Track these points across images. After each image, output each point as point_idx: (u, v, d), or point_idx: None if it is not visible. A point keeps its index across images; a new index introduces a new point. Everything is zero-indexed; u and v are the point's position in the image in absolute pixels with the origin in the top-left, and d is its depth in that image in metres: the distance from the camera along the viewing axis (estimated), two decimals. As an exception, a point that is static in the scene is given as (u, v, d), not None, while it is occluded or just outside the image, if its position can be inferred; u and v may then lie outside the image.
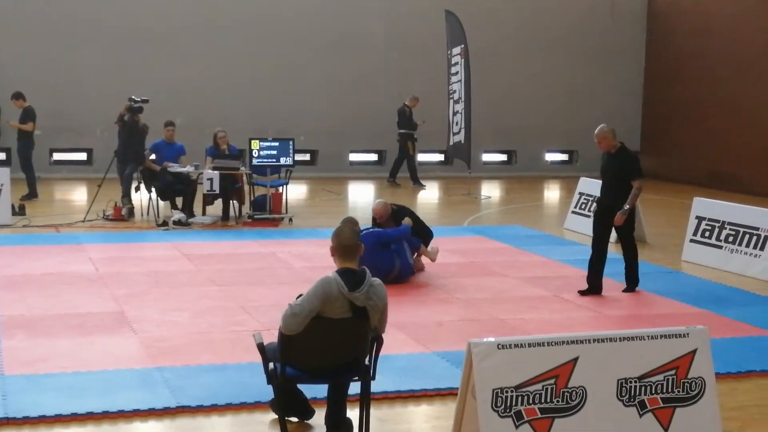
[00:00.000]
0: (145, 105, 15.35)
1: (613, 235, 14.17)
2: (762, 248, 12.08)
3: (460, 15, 20.31)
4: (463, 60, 19.73)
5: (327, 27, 22.28)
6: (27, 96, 17.38)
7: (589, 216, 14.96)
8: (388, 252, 10.86)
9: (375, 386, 6.29)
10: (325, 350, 5.91)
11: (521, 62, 23.62)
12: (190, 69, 21.40)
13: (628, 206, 10.51)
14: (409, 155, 20.99)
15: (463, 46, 19.74)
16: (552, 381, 5.98)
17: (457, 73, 20.02)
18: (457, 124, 20.09)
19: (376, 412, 6.59)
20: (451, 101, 20.33)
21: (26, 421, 6.44)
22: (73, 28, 20.75)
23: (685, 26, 23.41)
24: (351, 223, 6.26)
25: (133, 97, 15.42)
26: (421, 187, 20.78)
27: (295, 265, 11.92)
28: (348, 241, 6.04)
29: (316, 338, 5.84)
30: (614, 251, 13.59)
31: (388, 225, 11.35)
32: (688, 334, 6.36)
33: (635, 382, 6.16)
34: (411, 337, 8.73)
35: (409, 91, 21.65)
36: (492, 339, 5.99)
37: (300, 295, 5.95)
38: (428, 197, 20.74)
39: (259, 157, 15.27)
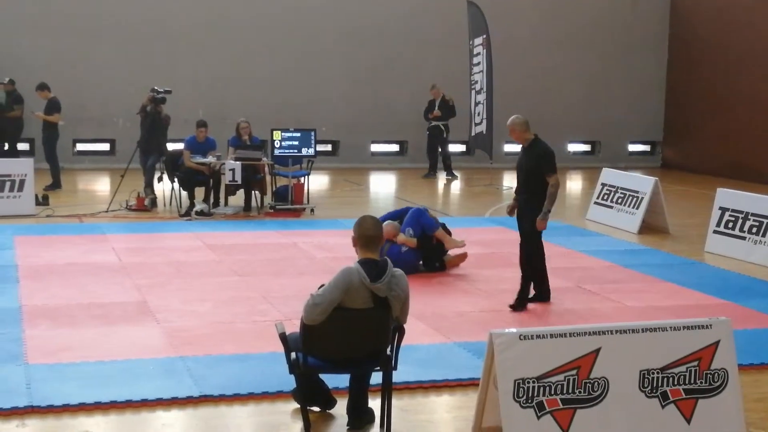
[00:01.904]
0: (167, 96, 15.39)
1: (634, 225, 14.22)
2: (786, 239, 12.01)
3: (481, 5, 20.24)
4: (485, 50, 19.68)
5: (348, 17, 22.24)
6: (51, 86, 17.46)
7: (611, 207, 14.98)
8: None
9: (396, 376, 6.31)
10: (346, 340, 5.92)
11: (543, 53, 23.51)
12: (212, 61, 21.43)
13: (547, 209, 9.39)
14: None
15: (485, 36, 19.69)
16: (574, 372, 5.98)
17: (479, 63, 19.97)
18: (479, 114, 20.05)
19: (397, 402, 6.61)
20: (473, 92, 20.28)
21: (50, 409, 6.49)
22: (95, 20, 20.80)
23: (708, 18, 23.25)
24: (372, 218, 6.26)
25: (155, 87, 15.47)
26: (451, 177, 20.80)
27: (316, 256, 11.94)
28: (370, 232, 6.05)
29: (337, 328, 5.86)
30: (635, 241, 13.58)
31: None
32: (711, 325, 6.35)
33: (658, 373, 6.15)
34: (432, 327, 8.74)
35: (429, 81, 21.68)
36: (514, 330, 5.99)
37: (322, 286, 5.97)
38: (450, 187, 20.72)
39: (280, 147, 15.30)
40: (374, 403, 6.44)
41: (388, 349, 6.08)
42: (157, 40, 21.12)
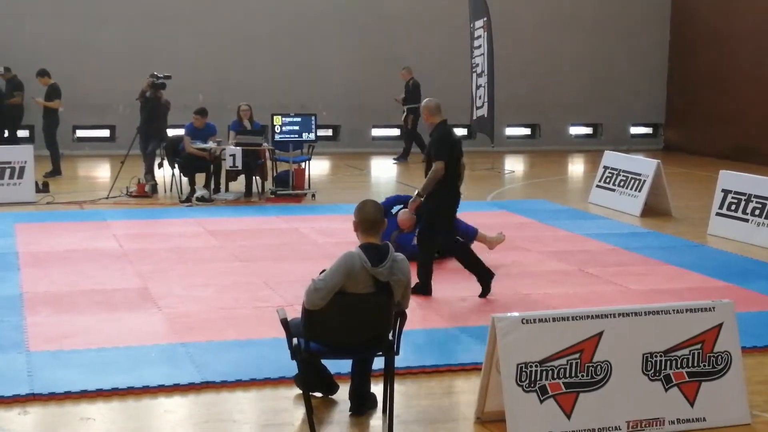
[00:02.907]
0: (167, 81, 15.32)
1: (636, 208, 14.18)
2: (789, 221, 11.98)
3: (482, -13, 20.13)
4: (486, 33, 19.58)
5: (349, 1, 22.16)
6: (50, 72, 17.40)
7: (614, 190, 14.95)
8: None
9: (399, 361, 6.29)
10: (348, 325, 5.89)
11: (544, 35, 23.42)
12: (212, 46, 21.35)
13: (420, 192, 9.17)
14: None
15: (485, 19, 19.58)
16: (577, 355, 5.97)
17: (480, 46, 19.87)
18: (480, 98, 19.96)
19: (400, 387, 6.58)
20: (474, 75, 20.19)
21: (52, 397, 6.48)
22: (96, 5, 20.74)
23: (710, -2, 23.17)
24: (373, 202, 6.22)
25: (155, 73, 15.40)
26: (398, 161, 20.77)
27: (318, 241, 11.91)
28: (371, 216, 6.02)
29: (339, 313, 5.83)
30: (637, 224, 13.55)
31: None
32: (714, 308, 6.34)
33: (661, 356, 6.15)
34: (434, 312, 8.72)
35: (430, 65, 21.62)
36: (516, 314, 5.98)
37: (323, 271, 5.94)
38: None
39: (281, 132, 15.26)
40: (376, 388, 6.43)
41: (390, 334, 6.05)
42: (158, 26, 21.04)
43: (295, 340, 6.01)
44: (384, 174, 19.88)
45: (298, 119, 15.49)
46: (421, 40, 22.50)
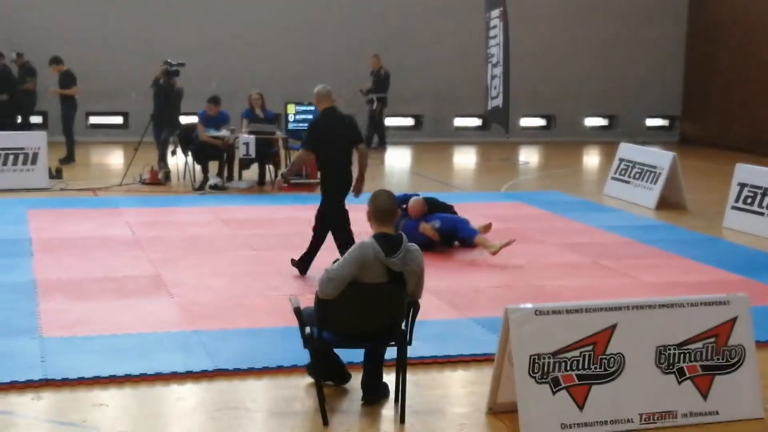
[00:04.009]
0: (181, 69, 15.31)
1: (651, 201, 14.12)
2: (805, 215, 11.91)
3: (497, -23, 20.03)
4: (501, 23, 19.48)
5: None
6: (63, 59, 17.39)
7: (629, 182, 14.88)
8: None
9: (411, 351, 6.27)
10: (361, 315, 5.88)
11: (560, 25, 23.33)
12: (226, 33, 21.31)
13: (281, 172, 9.47)
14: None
15: (501, 9, 19.48)
16: (590, 348, 5.95)
17: (495, 36, 19.78)
18: (495, 88, 19.89)
19: (412, 377, 6.56)
20: (489, 65, 20.10)
21: (65, 382, 6.49)
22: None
23: (728, -11, 23.01)
24: (387, 192, 6.19)
25: (169, 60, 15.39)
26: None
27: (331, 230, 11.87)
28: (385, 206, 6.00)
29: (352, 303, 5.82)
30: (652, 217, 13.49)
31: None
32: (728, 301, 6.31)
33: (674, 349, 6.12)
34: (447, 302, 8.69)
35: (443, 54, 21.61)
36: (529, 305, 5.95)
37: (337, 260, 5.92)
38: (466, 162, 20.66)
39: (295, 121, 15.24)
40: (389, 378, 6.42)
41: (403, 324, 6.03)
42: (172, 12, 21.02)
43: (307, 329, 6.00)
44: (398, 163, 19.84)
45: (312, 108, 15.45)
46: (436, 29, 22.41)
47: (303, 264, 9.59)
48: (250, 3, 21.51)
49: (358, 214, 11.36)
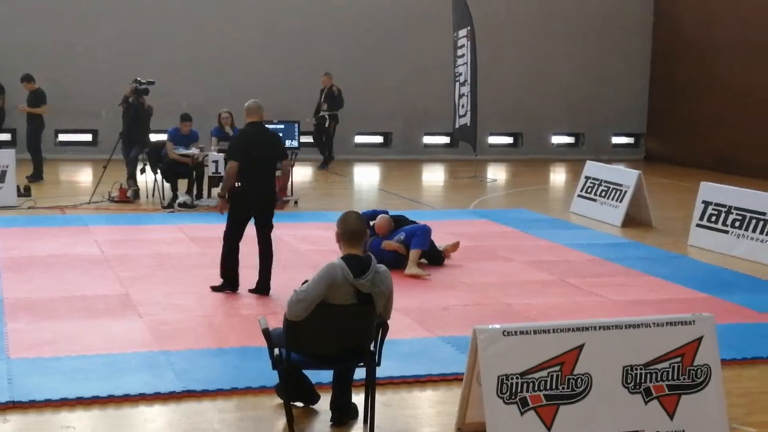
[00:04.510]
0: (150, 87, 15.31)
1: (617, 218, 14.24)
2: (768, 233, 12.06)
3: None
4: (469, 42, 19.63)
5: (331, 8, 22.16)
6: (35, 78, 17.31)
7: (595, 200, 15.01)
8: None
9: (380, 371, 6.30)
10: (330, 336, 5.90)
11: (527, 45, 23.52)
12: (194, 51, 21.33)
13: (220, 193, 10.00)
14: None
15: (469, 28, 19.63)
16: (557, 368, 5.98)
17: (463, 55, 19.93)
18: (463, 106, 20.02)
19: (381, 397, 6.58)
20: (457, 84, 20.24)
21: (32, 404, 6.45)
22: (78, 9, 20.69)
23: (693, 7, 23.28)
24: (356, 213, 6.22)
25: (138, 78, 15.39)
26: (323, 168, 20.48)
27: (300, 248, 11.91)
28: (353, 227, 6.02)
29: (321, 324, 5.83)
30: (618, 235, 13.60)
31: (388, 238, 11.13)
32: (694, 321, 6.36)
33: (641, 369, 6.16)
34: (416, 321, 8.72)
35: (412, 72, 21.73)
36: (497, 326, 5.98)
37: (305, 281, 5.94)
38: (434, 180, 20.73)
39: (264, 139, 15.20)
40: (358, 398, 6.43)
41: (372, 345, 6.06)
42: (141, 31, 21.00)
43: (276, 350, 6.01)
44: (366, 181, 19.90)
45: (281, 126, 15.49)
46: (404, 48, 22.53)
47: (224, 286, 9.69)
48: (221, 21, 21.52)
49: (326, 233, 11.42)
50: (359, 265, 5.88)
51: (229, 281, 9.71)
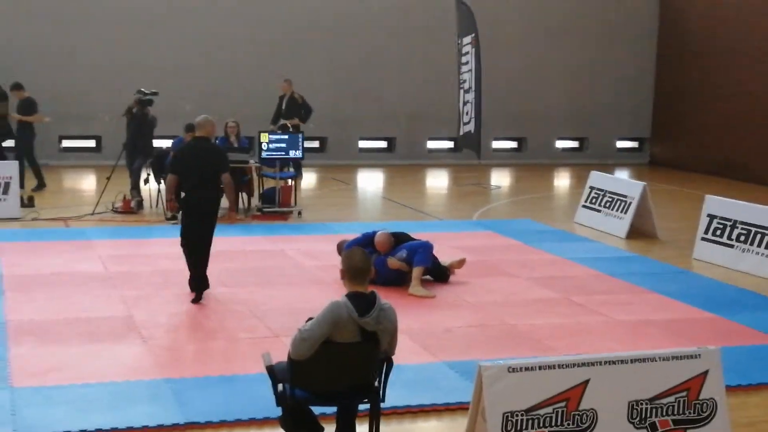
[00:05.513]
0: (154, 97, 15.29)
1: (622, 230, 14.20)
2: (774, 248, 12.02)
3: (468, 2, 20.09)
4: (473, 49, 19.58)
5: (334, 12, 22.13)
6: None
7: (600, 210, 14.97)
8: None
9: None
10: (334, 374, 5.87)
11: (531, 49, 23.48)
12: (198, 55, 21.32)
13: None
14: None
15: (473, 35, 19.59)
16: (563, 404, 5.96)
17: (467, 62, 19.88)
18: (467, 114, 19.98)
19: (385, 428, 6.56)
20: (462, 91, 20.20)
21: (35, 437, 6.44)
22: (79, 13, 20.66)
23: (698, 11, 23.23)
24: (361, 250, 6.19)
25: (142, 89, 15.36)
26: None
27: (304, 264, 11.87)
28: (358, 265, 5.97)
29: (325, 362, 5.80)
30: (623, 247, 13.56)
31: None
32: (699, 355, 6.33)
33: (646, 404, 6.14)
34: (419, 344, 8.69)
35: (416, 78, 21.73)
36: (502, 362, 5.96)
37: (309, 319, 5.91)
38: (438, 187, 20.71)
39: (268, 150, 15.21)
40: (362, 429, 6.40)
41: (376, 381, 6.03)
42: (144, 36, 20.99)
43: (280, 386, 5.98)
44: (370, 187, 19.88)
45: (285, 137, 15.46)
46: (408, 52, 22.51)
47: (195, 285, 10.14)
48: (224, 27, 21.49)
49: (331, 247, 11.39)
50: (364, 303, 5.85)
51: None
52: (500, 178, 21.35)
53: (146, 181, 15.41)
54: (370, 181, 20.76)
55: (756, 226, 12.35)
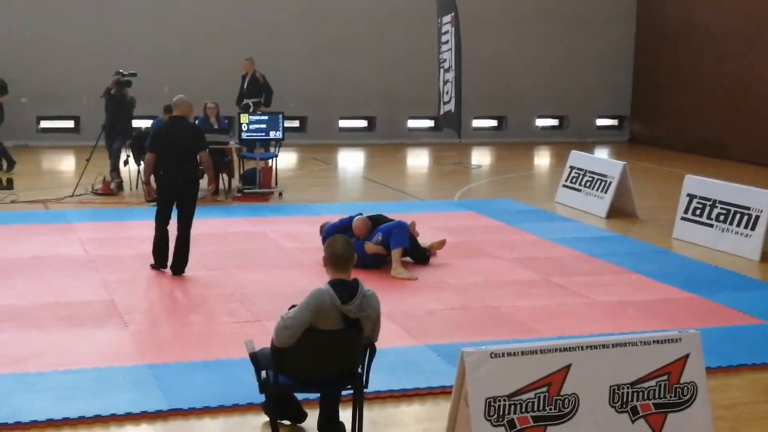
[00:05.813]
0: (132, 78, 15.20)
1: (602, 209, 14.25)
2: (753, 228, 12.08)
3: (449, -20, 20.06)
4: (453, 28, 19.55)
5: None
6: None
7: (580, 190, 15.01)
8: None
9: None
10: (317, 361, 5.89)
11: (511, 28, 23.45)
12: (176, 36, 21.19)
13: (144, 180, 11.07)
14: None
15: (453, 14, 19.55)
16: (545, 389, 5.99)
17: (447, 42, 19.85)
18: (447, 93, 19.97)
19: (368, 413, 6.58)
20: (442, 70, 20.18)
21: (18, 426, 6.41)
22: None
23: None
24: (343, 238, 6.19)
25: (120, 71, 15.27)
26: None
27: (286, 246, 11.86)
28: (341, 252, 5.98)
29: (308, 350, 5.82)
30: (603, 227, 13.61)
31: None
32: (680, 338, 6.37)
33: (627, 388, 6.17)
34: (402, 327, 8.70)
35: (396, 56, 21.68)
36: (484, 348, 5.97)
37: (292, 306, 5.92)
38: (419, 167, 20.71)
39: (248, 131, 15.16)
40: (345, 415, 6.42)
41: (360, 368, 6.05)
42: (121, 16, 20.84)
43: (263, 373, 5.99)
44: (351, 166, 19.86)
45: (266, 117, 15.41)
46: (387, 32, 22.45)
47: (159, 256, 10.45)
48: (202, 8, 21.35)
49: (312, 229, 11.39)
50: (347, 291, 5.86)
51: (158, 260, 10.44)
52: (481, 157, 21.37)
53: (126, 162, 15.35)
54: (351, 161, 20.74)
55: (735, 206, 12.42)
